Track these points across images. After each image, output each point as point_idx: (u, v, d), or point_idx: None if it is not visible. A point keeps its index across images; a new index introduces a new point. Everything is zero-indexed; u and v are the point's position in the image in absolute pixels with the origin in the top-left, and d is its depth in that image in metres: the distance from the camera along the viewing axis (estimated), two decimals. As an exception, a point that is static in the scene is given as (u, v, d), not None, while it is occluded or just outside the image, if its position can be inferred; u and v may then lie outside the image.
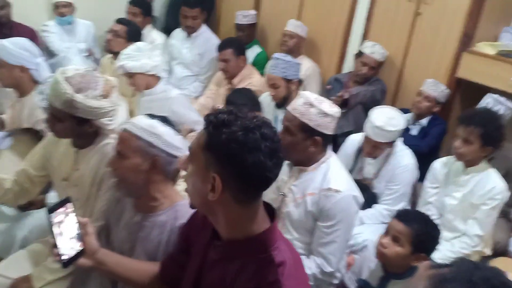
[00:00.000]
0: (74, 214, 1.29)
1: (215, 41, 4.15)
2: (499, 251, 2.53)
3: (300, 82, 2.95)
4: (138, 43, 2.96)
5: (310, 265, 1.93)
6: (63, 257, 1.23)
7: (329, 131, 1.88)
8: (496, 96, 2.76)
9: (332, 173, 1.89)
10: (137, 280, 1.41)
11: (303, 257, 1.97)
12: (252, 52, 4.05)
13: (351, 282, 1.98)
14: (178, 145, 1.53)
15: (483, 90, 3.06)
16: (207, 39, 4.12)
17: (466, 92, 3.32)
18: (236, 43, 3.65)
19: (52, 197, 2.16)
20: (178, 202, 1.53)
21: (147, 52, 2.85)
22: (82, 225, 1.30)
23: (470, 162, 2.34)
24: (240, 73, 3.56)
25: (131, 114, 3.46)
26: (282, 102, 2.95)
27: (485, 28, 3.20)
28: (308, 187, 1.90)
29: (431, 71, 3.32)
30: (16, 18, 3.88)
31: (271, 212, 1.18)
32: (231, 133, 1.03)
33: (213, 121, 1.07)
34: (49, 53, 3.98)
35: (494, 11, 3.19)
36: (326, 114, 1.85)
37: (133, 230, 1.55)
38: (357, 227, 2.43)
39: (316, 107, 1.84)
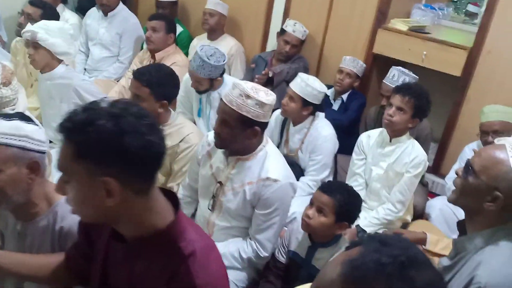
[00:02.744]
0: None
1: (134, 20, 4.01)
2: (417, 215, 2.71)
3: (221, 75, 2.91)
4: (63, 24, 2.76)
5: (247, 249, 1.97)
6: None
7: (266, 119, 1.89)
8: (399, 68, 2.92)
9: (270, 161, 1.91)
10: (41, 275, 1.32)
11: (239, 239, 2.01)
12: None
13: (280, 254, 2.02)
14: (44, 139, 1.41)
15: (398, 64, 3.22)
16: (125, 18, 3.95)
17: (382, 67, 3.47)
18: (170, 20, 3.57)
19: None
20: (57, 202, 1.41)
21: (67, 37, 2.67)
22: None
23: (396, 133, 2.46)
24: (164, 50, 3.48)
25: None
26: (203, 92, 2.91)
27: (398, 5, 3.36)
28: (247, 176, 1.91)
29: (350, 48, 3.44)
30: None
31: (175, 202, 1.12)
32: (100, 127, 0.94)
33: (71, 126, 0.96)
34: None
35: (406, -12, 3.36)
36: (263, 104, 1.83)
37: (18, 240, 1.43)
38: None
39: (253, 98, 1.81)
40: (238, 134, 1.85)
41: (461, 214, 1.50)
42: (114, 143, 0.94)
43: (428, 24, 3.31)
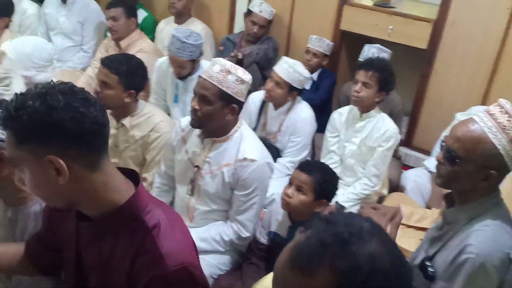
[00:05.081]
0: None
1: (95, 6, 3.87)
2: (392, 187, 2.78)
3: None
4: (44, 52, 2.40)
5: (228, 232, 1.98)
6: None
7: (243, 99, 1.90)
8: (378, 45, 2.95)
9: (246, 142, 1.91)
10: (4, 263, 1.32)
11: (219, 223, 2.02)
12: (138, 17, 3.85)
13: (262, 236, 2.04)
14: None
15: (366, 40, 3.25)
16: (85, 5, 3.80)
17: (350, 43, 3.49)
18: (127, 4, 3.44)
19: None
20: None
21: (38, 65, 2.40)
22: None
23: (365, 108, 2.50)
24: (129, 37, 3.38)
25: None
26: (185, 76, 2.86)
27: (362, -19, 3.36)
28: (224, 158, 1.91)
29: (317, 26, 3.44)
30: None
31: (135, 179, 1.14)
32: (29, 108, 0.94)
33: (6, 115, 0.97)
34: None
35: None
36: (242, 81, 1.85)
37: (9, 227, 1.41)
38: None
39: (233, 74, 1.83)
40: (217, 111, 1.84)
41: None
42: (45, 120, 0.94)
43: (392, -2, 3.34)
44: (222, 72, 1.82)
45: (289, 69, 2.59)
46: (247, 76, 1.88)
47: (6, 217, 1.42)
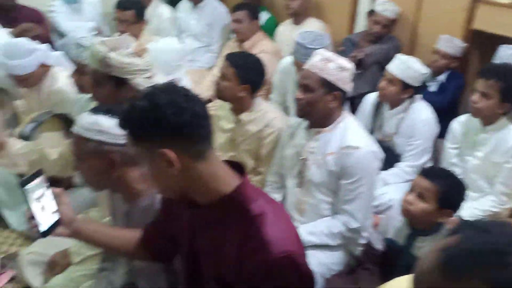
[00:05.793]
0: (48, 185, 1.29)
1: (222, 9, 4.09)
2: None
3: None
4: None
5: (336, 224, 1.98)
6: (40, 228, 1.25)
7: (346, 87, 1.92)
8: None
9: (350, 131, 1.92)
10: (120, 247, 1.43)
11: (327, 218, 2.03)
12: (261, 19, 3.99)
13: (377, 242, 2.00)
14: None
15: (501, 40, 2.99)
16: (214, 8, 4.06)
17: (483, 44, 3.24)
18: (251, 7, 3.60)
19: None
20: None
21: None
22: (56, 196, 1.31)
23: (487, 119, 2.27)
24: (252, 38, 3.52)
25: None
26: None
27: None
28: (328, 147, 1.94)
29: (445, 25, 3.24)
30: (21, 1, 3.82)
31: (241, 171, 1.19)
32: (138, 108, 1.06)
33: (122, 119, 1.11)
34: (58, 34, 3.96)
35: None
36: (343, 68, 1.89)
37: (126, 220, 1.53)
38: (381, 187, 2.45)
39: (333, 61, 1.88)
40: (319, 98, 1.89)
41: None
42: (151, 117, 1.05)
43: (536, -6, 3.02)
44: (323, 60, 1.87)
45: (402, 65, 2.49)
46: (348, 64, 1.90)
47: (123, 211, 1.55)
